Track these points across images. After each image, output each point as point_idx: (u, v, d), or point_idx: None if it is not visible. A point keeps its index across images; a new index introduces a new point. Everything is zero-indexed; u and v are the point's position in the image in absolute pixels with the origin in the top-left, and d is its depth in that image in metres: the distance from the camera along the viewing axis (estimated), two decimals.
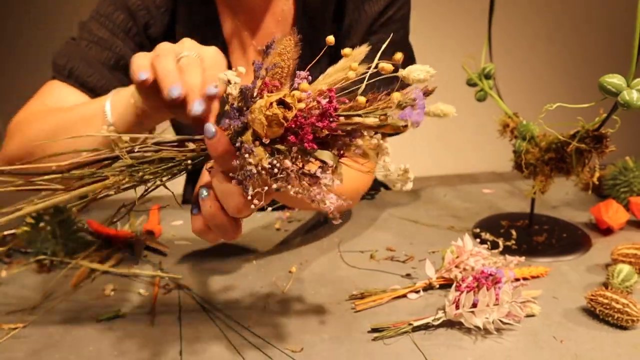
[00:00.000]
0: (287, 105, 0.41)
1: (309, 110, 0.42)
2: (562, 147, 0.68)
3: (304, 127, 0.41)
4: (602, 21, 2.49)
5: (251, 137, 0.42)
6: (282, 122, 0.40)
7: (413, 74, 0.44)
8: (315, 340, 0.56)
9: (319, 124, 0.41)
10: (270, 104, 0.40)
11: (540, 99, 0.82)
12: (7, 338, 0.57)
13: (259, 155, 0.42)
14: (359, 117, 0.42)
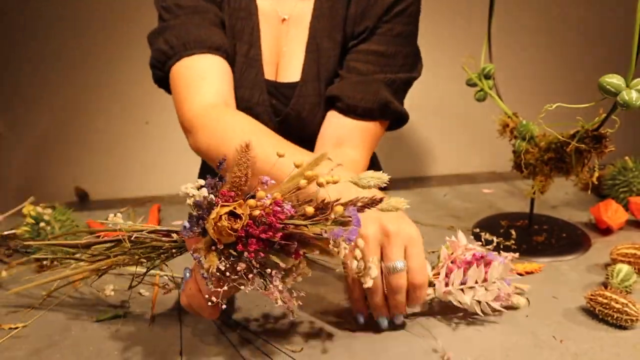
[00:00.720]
0: (238, 215, 0.45)
1: (260, 218, 0.45)
2: (562, 147, 0.69)
3: (251, 237, 0.45)
4: (602, 21, 2.50)
5: (209, 242, 0.46)
6: (231, 233, 0.44)
7: (363, 180, 0.48)
8: (315, 340, 0.56)
9: (263, 235, 0.45)
10: (220, 217, 0.44)
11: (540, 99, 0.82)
12: (7, 338, 0.57)
13: (210, 261, 0.45)
14: (305, 226, 0.46)
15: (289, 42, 0.87)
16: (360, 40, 0.84)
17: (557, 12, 2.45)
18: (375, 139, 0.85)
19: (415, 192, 0.99)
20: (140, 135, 2.38)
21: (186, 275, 0.54)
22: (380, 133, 0.85)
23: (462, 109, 2.46)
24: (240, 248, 0.45)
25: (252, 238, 0.44)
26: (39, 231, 0.73)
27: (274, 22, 0.87)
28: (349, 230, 0.45)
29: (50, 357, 0.54)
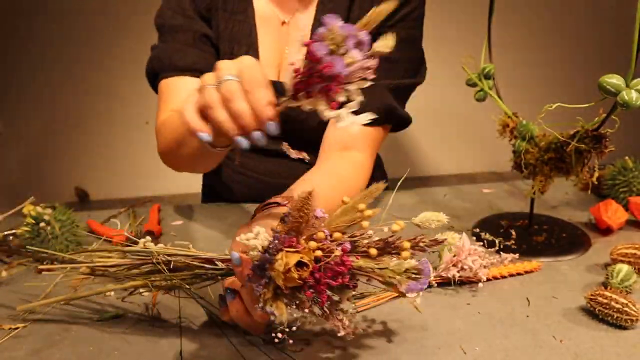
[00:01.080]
0: (304, 263, 0.45)
1: (323, 263, 0.46)
2: (562, 147, 0.69)
3: (320, 285, 0.46)
4: (602, 21, 2.49)
5: (273, 290, 0.47)
6: (298, 282, 0.45)
7: (426, 222, 0.50)
8: (315, 340, 0.56)
9: (333, 283, 0.46)
10: (289, 269, 0.45)
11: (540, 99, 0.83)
12: (8, 338, 0.57)
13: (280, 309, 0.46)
14: (370, 269, 0.47)
15: (290, 45, 0.87)
16: None
17: (557, 12, 2.45)
18: (379, 143, 0.86)
19: (415, 192, 0.99)
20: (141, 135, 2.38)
21: (230, 297, 0.53)
22: (383, 136, 0.87)
23: (462, 109, 2.46)
24: (309, 295, 0.46)
25: (322, 285, 0.46)
26: (39, 231, 0.73)
27: (274, 26, 0.88)
28: (422, 282, 0.47)
29: (50, 357, 0.54)
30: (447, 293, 0.65)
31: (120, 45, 2.21)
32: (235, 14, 0.86)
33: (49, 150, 2.38)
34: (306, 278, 0.45)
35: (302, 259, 0.45)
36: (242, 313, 0.52)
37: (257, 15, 0.87)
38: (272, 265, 0.45)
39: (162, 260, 0.55)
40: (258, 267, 0.47)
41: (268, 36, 0.87)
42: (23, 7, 2.21)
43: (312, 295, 0.46)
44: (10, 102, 2.28)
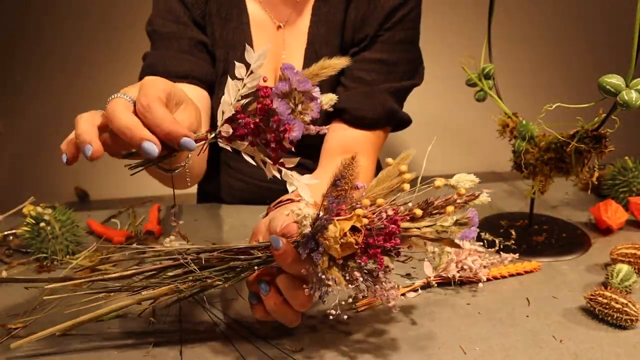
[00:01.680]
0: (357, 229, 0.45)
1: (374, 227, 0.46)
2: (562, 147, 0.69)
3: (374, 248, 0.46)
4: (602, 21, 2.49)
5: (327, 261, 0.46)
6: (354, 247, 0.45)
7: (460, 183, 0.50)
8: (315, 340, 0.56)
9: (387, 244, 0.45)
10: (344, 234, 0.45)
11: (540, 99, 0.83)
12: (7, 338, 0.57)
13: (338, 277, 0.46)
14: (417, 229, 0.47)
15: (286, 49, 0.87)
16: (363, 48, 0.85)
17: (558, 12, 2.45)
18: (380, 146, 0.87)
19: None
20: None
21: (265, 289, 0.51)
22: (384, 138, 0.88)
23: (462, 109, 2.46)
24: (364, 260, 0.46)
25: (376, 248, 0.45)
26: (39, 231, 0.73)
27: (269, 30, 0.88)
28: (473, 229, 0.46)
29: (51, 357, 0.54)
30: (447, 293, 0.65)
31: (121, 45, 2.21)
32: (230, 20, 0.86)
33: (49, 150, 2.38)
34: (360, 244, 0.45)
35: (355, 224, 0.45)
36: (279, 304, 0.51)
37: (252, 20, 0.87)
38: (323, 235, 0.45)
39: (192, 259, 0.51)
40: (309, 239, 0.46)
41: (264, 41, 0.87)
42: (23, 7, 2.22)
43: (367, 261, 0.46)
44: (10, 102, 2.28)
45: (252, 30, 0.87)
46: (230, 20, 0.86)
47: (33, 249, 0.74)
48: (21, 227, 0.76)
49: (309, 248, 0.47)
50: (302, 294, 0.49)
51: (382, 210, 0.47)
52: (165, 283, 0.52)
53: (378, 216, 0.46)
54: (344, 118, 0.83)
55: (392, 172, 0.51)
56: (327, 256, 0.46)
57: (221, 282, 0.51)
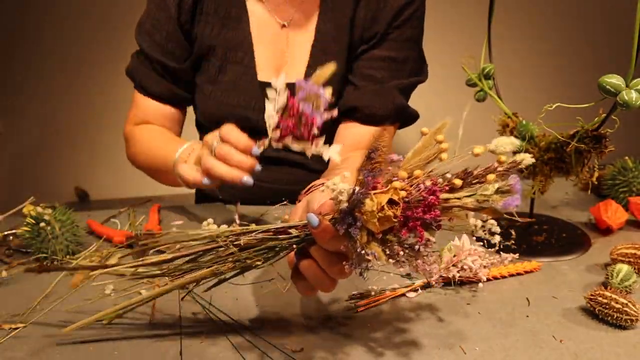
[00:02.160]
0: (394, 202, 0.44)
1: (412, 200, 0.45)
2: (562, 147, 0.69)
3: (413, 220, 0.45)
4: (602, 21, 2.49)
5: (366, 235, 0.46)
6: (393, 220, 0.44)
7: (500, 147, 0.48)
8: (315, 340, 0.56)
9: (427, 216, 0.45)
10: (382, 207, 0.44)
11: (540, 99, 0.83)
12: (8, 338, 0.57)
13: (378, 252, 0.45)
14: (457, 199, 0.46)
15: (291, 47, 0.88)
16: (372, 45, 0.86)
17: (558, 12, 2.45)
18: (390, 141, 0.88)
19: None
20: None
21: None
22: (394, 134, 0.89)
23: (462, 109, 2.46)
24: (403, 234, 0.45)
25: (416, 221, 0.44)
26: (39, 231, 0.73)
27: (272, 29, 0.88)
28: (516, 197, 0.45)
29: (50, 357, 0.54)
30: (447, 293, 0.65)
31: (121, 45, 2.21)
32: (229, 19, 0.86)
33: (48, 150, 2.38)
34: (399, 217, 0.44)
35: (393, 197, 0.44)
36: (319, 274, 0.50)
37: (254, 20, 0.87)
38: (360, 210, 0.45)
39: (231, 241, 0.52)
40: (346, 214, 0.46)
41: (265, 40, 0.88)
42: (23, 7, 2.22)
43: (407, 234, 0.45)
44: (10, 102, 2.28)
45: (252, 30, 0.87)
46: (229, 19, 0.86)
47: (33, 249, 0.74)
48: (21, 227, 0.76)
49: (347, 223, 0.46)
50: (341, 267, 0.49)
51: (419, 182, 0.45)
52: (205, 266, 0.53)
53: (416, 188, 0.45)
54: (356, 116, 0.85)
55: (428, 142, 0.49)
56: (365, 231, 0.45)
57: (260, 262, 0.52)
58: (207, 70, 0.89)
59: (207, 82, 0.89)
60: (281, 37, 0.88)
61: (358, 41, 0.87)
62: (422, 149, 0.49)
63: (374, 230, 0.45)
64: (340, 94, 0.88)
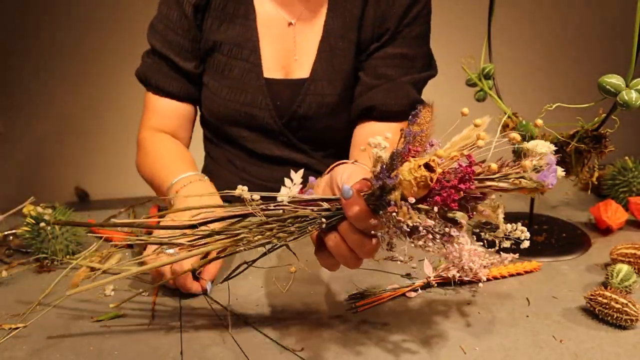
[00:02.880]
0: (431, 168, 0.44)
1: (448, 174, 0.45)
2: (562, 147, 0.69)
3: (447, 189, 0.45)
4: (602, 22, 2.49)
5: (399, 197, 0.45)
6: (428, 183, 0.44)
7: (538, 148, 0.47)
8: (315, 340, 0.56)
9: (461, 185, 0.44)
10: (419, 166, 0.44)
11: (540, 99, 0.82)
12: (8, 338, 0.57)
13: (409, 214, 0.45)
14: (491, 181, 0.46)
15: (298, 45, 0.88)
16: (383, 43, 0.87)
17: (557, 12, 2.44)
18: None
19: None
20: None
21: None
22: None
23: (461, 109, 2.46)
24: (438, 199, 0.45)
25: (451, 189, 0.44)
26: (39, 231, 0.73)
27: (279, 27, 0.88)
28: (551, 173, 0.45)
29: (50, 357, 0.54)
30: (447, 293, 0.65)
31: (122, 45, 2.21)
32: (236, 17, 0.87)
33: (49, 150, 2.38)
34: (434, 181, 0.44)
35: (430, 162, 0.45)
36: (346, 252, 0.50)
37: (260, 17, 0.88)
38: (398, 172, 0.45)
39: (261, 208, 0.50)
40: (385, 171, 0.46)
41: (272, 38, 0.88)
42: (23, 7, 2.21)
43: (441, 201, 0.45)
44: (10, 102, 2.28)
45: (259, 28, 0.88)
46: (237, 16, 0.87)
47: (33, 249, 0.74)
48: (21, 227, 0.76)
49: (382, 181, 0.45)
50: (367, 243, 0.48)
51: (457, 160, 0.46)
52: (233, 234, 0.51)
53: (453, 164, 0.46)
54: (372, 115, 0.87)
55: (468, 135, 0.49)
56: (399, 192, 0.45)
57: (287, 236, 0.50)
58: (213, 67, 0.89)
59: (213, 79, 0.90)
60: (288, 35, 0.88)
61: (368, 40, 0.87)
62: (460, 141, 0.49)
63: (408, 192, 0.44)
64: (348, 91, 0.89)
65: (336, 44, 0.87)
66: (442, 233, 0.47)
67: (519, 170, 0.45)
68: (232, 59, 0.87)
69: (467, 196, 0.46)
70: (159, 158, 0.85)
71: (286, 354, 0.54)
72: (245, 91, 0.88)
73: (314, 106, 0.88)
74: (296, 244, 0.76)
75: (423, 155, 0.48)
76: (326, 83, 0.87)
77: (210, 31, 0.87)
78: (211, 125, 0.96)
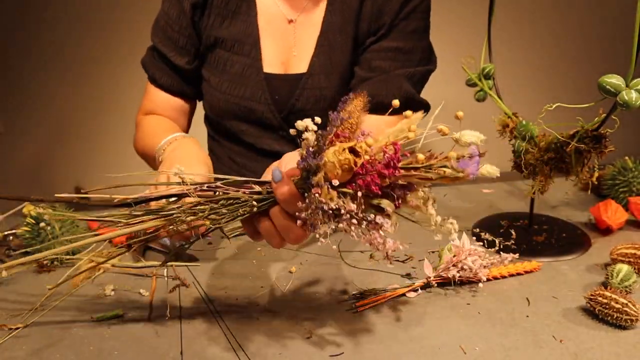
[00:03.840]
0: (357, 153, 0.45)
1: (375, 161, 0.46)
2: (562, 147, 0.69)
3: (371, 174, 0.45)
4: (602, 21, 2.49)
5: (322, 179, 0.46)
6: (352, 167, 0.45)
7: (464, 137, 0.48)
8: (315, 340, 0.56)
9: (384, 171, 0.45)
10: (343, 149, 0.45)
11: (540, 99, 0.83)
12: (8, 338, 0.57)
13: (330, 195, 0.46)
14: (417, 170, 0.46)
15: (298, 42, 0.89)
16: (379, 37, 0.88)
17: (557, 12, 2.44)
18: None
19: None
20: None
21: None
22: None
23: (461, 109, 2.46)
24: (360, 183, 0.45)
25: (374, 174, 0.45)
26: (39, 231, 0.73)
27: (280, 24, 0.90)
28: (473, 164, 0.45)
29: (50, 357, 0.54)
30: (447, 293, 0.65)
31: (122, 45, 2.21)
32: (237, 14, 0.88)
33: (49, 150, 2.38)
34: (357, 166, 0.45)
35: (356, 146, 0.45)
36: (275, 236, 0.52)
37: (261, 14, 0.89)
38: (324, 154, 0.46)
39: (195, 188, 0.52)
40: (311, 152, 0.47)
41: (273, 35, 0.89)
42: (23, 7, 2.21)
43: (364, 185, 0.45)
44: (10, 102, 2.28)
45: (260, 24, 0.89)
46: (239, 13, 0.88)
47: (33, 249, 0.74)
48: (21, 227, 0.76)
49: (307, 162, 0.47)
50: (294, 228, 0.50)
51: (384, 148, 0.47)
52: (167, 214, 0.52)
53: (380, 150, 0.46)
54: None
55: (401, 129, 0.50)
56: (322, 173, 0.46)
57: (215, 216, 0.51)
58: (214, 62, 0.91)
59: (213, 75, 0.91)
60: (288, 31, 0.89)
61: (365, 34, 0.88)
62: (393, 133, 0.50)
63: (332, 175, 0.45)
64: (346, 85, 0.89)
65: (334, 38, 0.88)
66: (368, 220, 0.47)
67: (443, 161, 0.46)
68: (233, 54, 0.89)
69: (393, 184, 0.47)
70: (150, 130, 0.90)
71: (287, 354, 0.54)
72: (245, 86, 0.89)
73: (312, 100, 0.89)
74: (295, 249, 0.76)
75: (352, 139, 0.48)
76: (324, 77, 0.88)
77: (212, 28, 0.89)
78: (213, 122, 0.98)
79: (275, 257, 0.75)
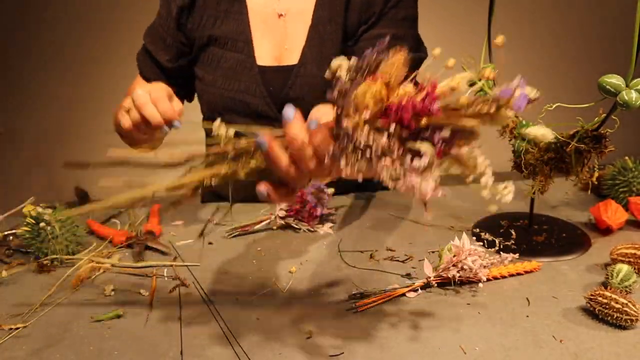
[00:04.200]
0: (390, 86, 0.44)
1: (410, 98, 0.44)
2: (562, 147, 0.69)
3: (405, 106, 0.43)
4: (602, 21, 2.49)
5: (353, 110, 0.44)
6: (383, 97, 0.43)
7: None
8: (315, 339, 0.56)
9: (420, 106, 0.42)
10: (376, 82, 0.43)
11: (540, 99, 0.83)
12: (8, 338, 0.57)
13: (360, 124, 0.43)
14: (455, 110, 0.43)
15: (289, 35, 0.90)
16: (370, 25, 0.89)
17: (557, 12, 2.45)
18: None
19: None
20: None
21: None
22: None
23: None
24: (394, 118, 0.43)
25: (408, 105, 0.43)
26: (39, 231, 0.73)
27: (270, 19, 0.91)
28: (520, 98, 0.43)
29: (50, 357, 0.54)
30: (447, 293, 0.65)
31: (122, 45, 2.21)
32: (229, 13, 0.90)
33: (49, 150, 2.38)
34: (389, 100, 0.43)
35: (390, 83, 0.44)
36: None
37: (252, 9, 0.91)
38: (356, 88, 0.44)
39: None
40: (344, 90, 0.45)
41: (264, 31, 0.90)
42: (23, 7, 2.21)
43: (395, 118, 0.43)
44: (10, 102, 2.28)
45: (251, 21, 0.90)
46: (230, 12, 0.90)
47: (33, 249, 0.74)
48: (21, 227, 0.76)
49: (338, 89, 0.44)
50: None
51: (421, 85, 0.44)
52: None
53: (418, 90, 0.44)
54: None
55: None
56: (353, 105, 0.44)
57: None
58: (207, 60, 0.92)
59: (207, 72, 0.93)
60: (279, 26, 0.91)
61: (355, 24, 0.89)
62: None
63: (363, 106, 0.43)
64: None
65: (324, 29, 0.89)
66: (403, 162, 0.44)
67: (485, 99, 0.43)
68: (226, 51, 0.91)
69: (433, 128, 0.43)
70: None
71: (287, 354, 0.54)
72: (239, 80, 0.91)
73: (306, 88, 0.90)
74: (295, 249, 0.76)
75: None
76: (315, 66, 0.89)
77: (205, 27, 0.90)
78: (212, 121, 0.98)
79: (275, 257, 0.75)
